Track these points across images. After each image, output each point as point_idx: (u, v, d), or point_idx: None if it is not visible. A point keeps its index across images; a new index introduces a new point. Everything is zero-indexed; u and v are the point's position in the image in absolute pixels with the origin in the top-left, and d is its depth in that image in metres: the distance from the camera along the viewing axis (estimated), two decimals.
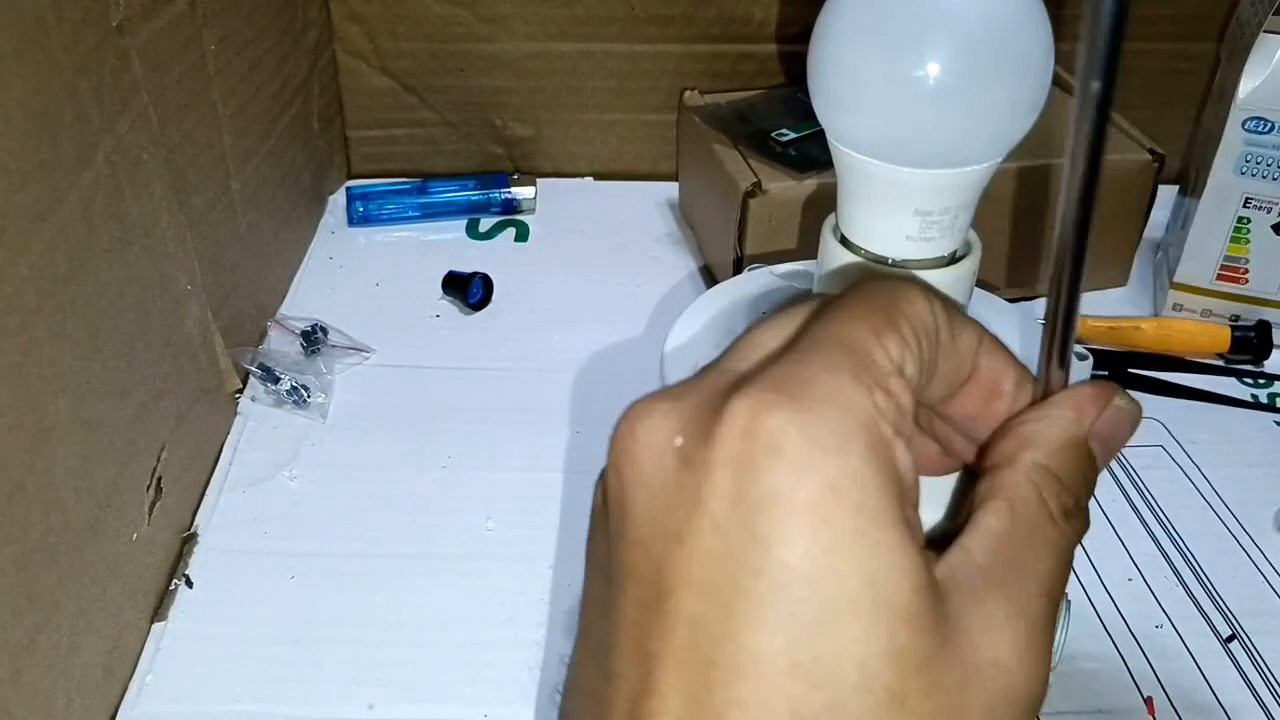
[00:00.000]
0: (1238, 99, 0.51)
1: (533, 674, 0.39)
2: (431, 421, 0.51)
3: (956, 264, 0.31)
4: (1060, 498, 0.24)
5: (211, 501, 0.46)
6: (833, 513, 0.20)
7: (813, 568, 0.20)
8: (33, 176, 0.33)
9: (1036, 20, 0.27)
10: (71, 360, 0.35)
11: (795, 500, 0.20)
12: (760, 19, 0.66)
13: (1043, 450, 0.25)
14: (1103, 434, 0.25)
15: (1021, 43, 0.27)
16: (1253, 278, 0.56)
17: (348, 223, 0.66)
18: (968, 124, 0.28)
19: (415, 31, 0.66)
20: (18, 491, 0.32)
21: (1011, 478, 0.24)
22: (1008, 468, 0.25)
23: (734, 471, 0.20)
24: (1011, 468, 0.25)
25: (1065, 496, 0.24)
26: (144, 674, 0.39)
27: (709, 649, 0.20)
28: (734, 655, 0.20)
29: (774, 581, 0.20)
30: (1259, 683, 0.39)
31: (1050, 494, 0.24)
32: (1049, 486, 0.24)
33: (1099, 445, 0.25)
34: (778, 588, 0.20)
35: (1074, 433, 0.25)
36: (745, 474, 0.20)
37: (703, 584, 0.21)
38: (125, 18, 0.39)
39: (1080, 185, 0.21)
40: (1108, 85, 0.20)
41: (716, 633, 0.20)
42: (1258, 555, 0.44)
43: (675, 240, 0.65)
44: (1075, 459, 0.25)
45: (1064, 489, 0.24)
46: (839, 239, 0.31)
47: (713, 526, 0.21)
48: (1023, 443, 0.25)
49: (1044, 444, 0.25)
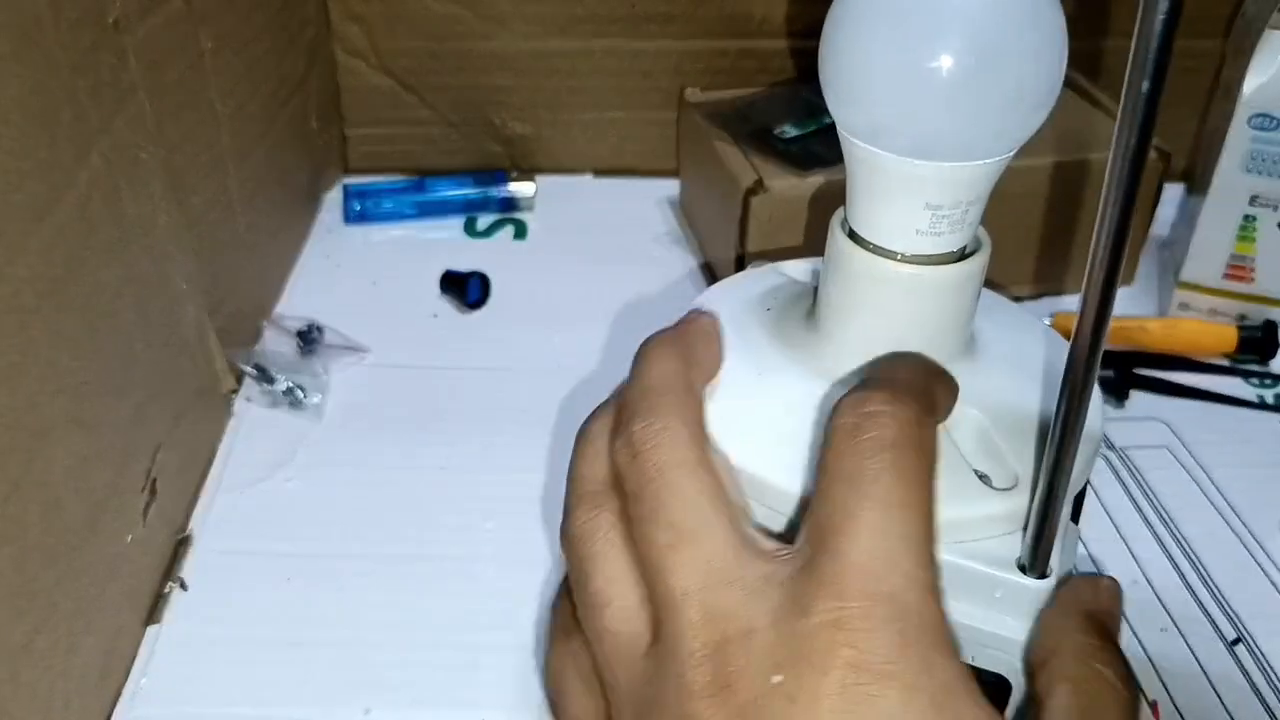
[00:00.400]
0: (1244, 96, 0.51)
1: (530, 677, 0.39)
2: (429, 422, 0.51)
3: (966, 260, 0.31)
4: (1113, 665, 0.27)
5: (206, 503, 0.46)
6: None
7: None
8: (30, 176, 0.32)
9: (1050, 11, 0.27)
10: (69, 360, 0.35)
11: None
12: (761, 16, 0.66)
13: (1075, 633, 0.27)
14: (1105, 611, 0.29)
15: (1035, 34, 0.27)
16: (1260, 277, 0.55)
17: (344, 221, 0.66)
18: (980, 116, 0.27)
19: (414, 30, 0.66)
20: (15, 492, 0.31)
21: (1060, 663, 0.27)
22: (1054, 656, 0.27)
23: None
24: (1058, 654, 0.27)
25: (1111, 658, 0.27)
26: (139, 677, 0.39)
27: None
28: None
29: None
30: (1265, 686, 0.39)
31: (1102, 663, 0.27)
32: (1100, 658, 0.27)
33: (1110, 621, 0.28)
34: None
35: (1093, 609, 0.28)
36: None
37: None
38: (122, 16, 0.39)
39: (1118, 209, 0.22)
40: (1155, 86, 0.20)
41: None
42: (1264, 558, 0.44)
43: (676, 238, 0.65)
44: (1101, 631, 0.28)
45: (1112, 656, 0.27)
46: (847, 233, 0.31)
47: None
48: (1055, 636, 0.28)
49: (1072, 629, 0.27)
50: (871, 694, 0.23)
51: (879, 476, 0.25)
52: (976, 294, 0.32)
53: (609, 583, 0.28)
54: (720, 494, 0.27)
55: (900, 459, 0.25)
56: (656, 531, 0.27)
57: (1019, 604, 0.29)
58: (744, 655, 0.24)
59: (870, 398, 0.26)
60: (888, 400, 0.26)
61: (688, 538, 0.26)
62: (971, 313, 0.32)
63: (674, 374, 0.30)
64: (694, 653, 0.25)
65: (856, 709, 0.23)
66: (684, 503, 0.27)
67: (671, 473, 0.27)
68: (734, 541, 0.26)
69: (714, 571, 0.26)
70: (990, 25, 0.27)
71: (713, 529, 0.26)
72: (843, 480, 0.25)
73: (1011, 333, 0.35)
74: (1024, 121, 0.28)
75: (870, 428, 0.26)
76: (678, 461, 0.27)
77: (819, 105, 0.64)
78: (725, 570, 0.26)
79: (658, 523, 0.27)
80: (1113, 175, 0.23)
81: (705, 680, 0.24)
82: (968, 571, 0.29)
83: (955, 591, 0.29)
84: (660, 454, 0.27)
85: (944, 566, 0.29)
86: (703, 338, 0.32)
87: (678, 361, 0.30)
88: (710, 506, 0.27)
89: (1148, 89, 0.20)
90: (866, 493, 0.25)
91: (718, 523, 0.27)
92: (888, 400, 0.26)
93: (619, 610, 0.27)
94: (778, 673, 0.24)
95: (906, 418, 0.26)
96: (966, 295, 0.31)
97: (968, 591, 0.29)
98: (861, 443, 0.26)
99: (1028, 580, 0.29)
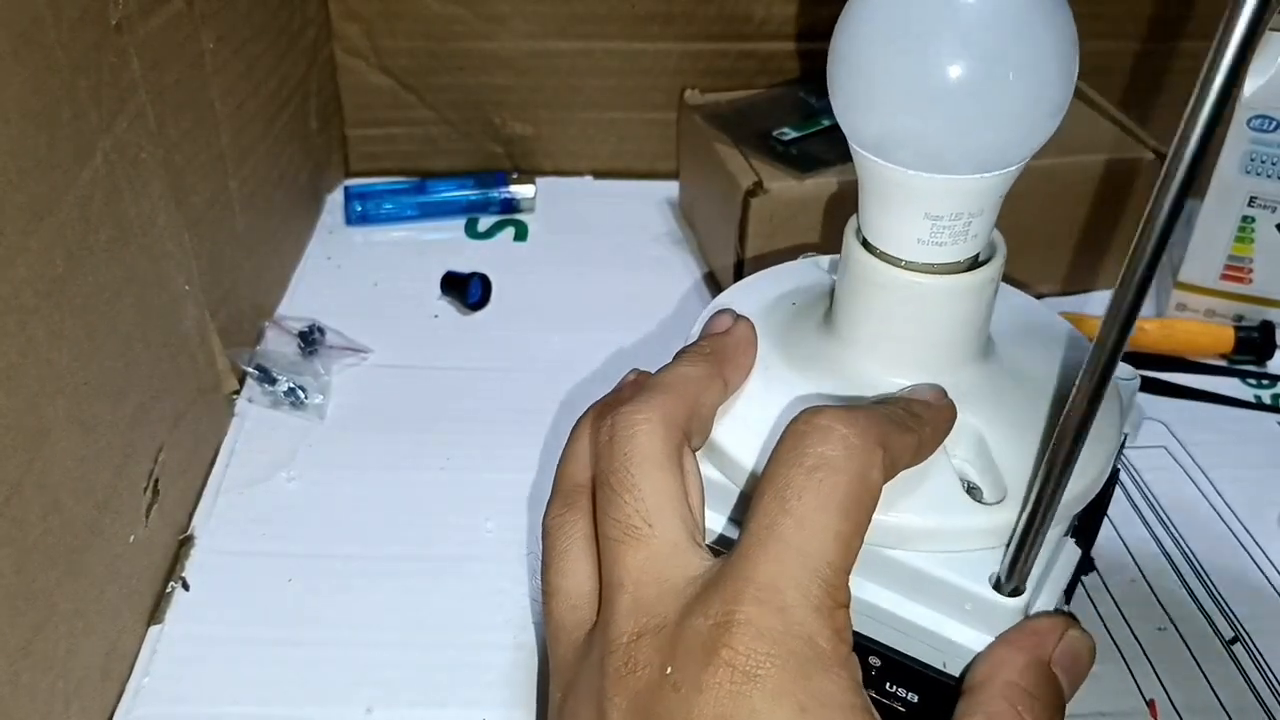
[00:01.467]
0: (1242, 97, 0.51)
1: (531, 677, 0.39)
2: (430, 422, 0.51)
3: (973, 270, 0.31)
4: (1034, 710, 0.27)
5: (208, 503, 0.46)
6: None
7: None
8: (31, 176, 0.33)
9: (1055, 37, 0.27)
10: (69, 360, 0.35)
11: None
12: (761, 17, 0.66)
13: (1013, 669, 0.28)
14: (1064, 662, 0.28)
15: (1038, 53, 0.27)
16: (1257, 278, 0.55)
17: (345, 222, 0.66)
18: (976, 131, 0.27)
19: (414, 30, 0.66)
20: (16, 493, 0.31)
21: (988, 694, 0.28)
22: (982, 687, 0.28)
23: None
24: (986, 687, 0.28)
25: (1039, 710, 0.27)
26: (140, 677, 0.39)
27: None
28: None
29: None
30: (1262, 685, 0.39)
31: (1024, 707, 0.27)
32: (1021, 700, 0.27)
33: (1062, 672, 0.28)
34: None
35: (1038, 655, 0.28)
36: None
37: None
38: (124, 16, 0.39)
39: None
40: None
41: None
42: (1260, 557, 0.44)
43: (675, 239, 0.65)
44: (1042, 677, 0.28)
45: (1036, 701, 0.27)
46: (860, 239, 0.32)
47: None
48: (994, 666, 0.28)
49: (1012, 665, 0.28)
50: (741, 693, 0.24)
51: (803, 492, 0.26)
52: (987, 303, 0.32)
53: (560, 575, 0.30)
54: (677, 495, 0.28)
55: (830, 480, 0.26)
56: (609, 524, 0.29)
57: (988, 619, 0.29)
58: (652, 647, 0.26)
59: (827, 414, 0.27)
60: (842, 420, 0.27)
61: (633, 534, 0.28)
62: (981, 320, 0.32)
63: (687, 377, 0.31)
64: (615, 639, 0.27)
65: (727, 704, 0.24)
66: (637, 498, 0.28)
67: (636, 466, 0.28)
68: (676, 542, 0.28)
69: (650, 569, 0.27)
70: (989, 41, 0.27)
71: (659, 528, 0.28)
72: (772, 489, 0.27)
73: (1034, 341, 0.35)
74: (1023, 139, 0.28)
75: (814, 442, 0.27)
76: (645, 455, 0.29)
77: (818, 107, 0.65)
78: (660, 569, 0.27)
79: (610, 515, 0.29)
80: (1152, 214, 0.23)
81: (618, 664, 0.26)
82: (938, 581, 0.29)
83: (929, 599, 0.30)
84: (632, 444, 0.29)
85: (919, 573, 0.29)
86: (743, 346, 0.33)
87: (703, 368, 0.31)
88: (665, 506, 0.28)
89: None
90: (788, 508, 0.26)
91: (666, 523, 0.28)
92: (842, 420, 0.27)
93: (564, 598, 0.30)
94: (671, 664, 0.25)
95: (854, 444, 0.27)
96: (973, 304, 0.31)
97: (941, 601, 0.30)
98: (801, 454, 0.27)
99: (997, 597, 0.29)
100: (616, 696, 0.26)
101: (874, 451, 0.27)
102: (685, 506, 0.29)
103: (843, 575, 0.26)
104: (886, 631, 0.30)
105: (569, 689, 0.29)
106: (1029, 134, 0.28)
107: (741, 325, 0.34)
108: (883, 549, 0.30)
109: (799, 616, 0.25)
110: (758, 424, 0.32)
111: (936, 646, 0.30)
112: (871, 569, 0.30)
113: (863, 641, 0.31)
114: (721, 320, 0.34)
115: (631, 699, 0.26)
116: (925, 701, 0.30)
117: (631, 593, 0.27)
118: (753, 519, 0.27)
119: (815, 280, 0.38)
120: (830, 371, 0.33)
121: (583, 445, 0.32)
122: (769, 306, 0.36)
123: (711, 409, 0.31)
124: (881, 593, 0.30)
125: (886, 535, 0.29)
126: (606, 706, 0.26)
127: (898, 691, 0.31)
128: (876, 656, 0.31)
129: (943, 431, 0.30)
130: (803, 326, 0.35)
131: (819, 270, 0.39)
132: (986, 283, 0.31)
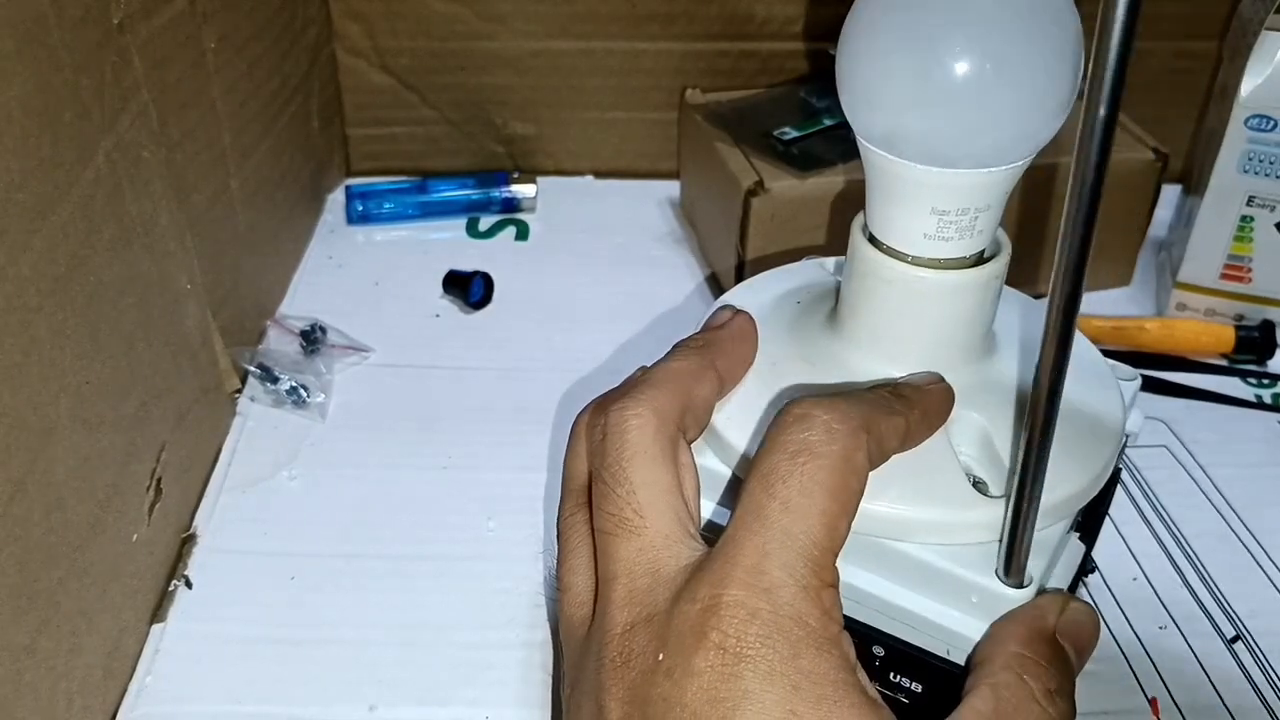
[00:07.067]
0: (1240, 97, 0.51)
1: (533, 675, 0.39)
2: (432, 421, 0.51)
3: (978, 266, 0.31)
4: (1042, 679, 0.27)
5: (211, 502, 0.46)
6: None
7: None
8: (33, 175, 0.33)
9: (1062, 33, 0.27)
10: (72, 360, 0.35)
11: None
12: (763, 17, 0.66)
13: (1017, 642, 0.28)
14: (1069, 632, 0.29)
15: (1045, 49, 0.27)
16: (1256, 277, 0.55)
17: (346, 221, 0.66)
18: (983, 126, 0.28)
19: (415, 29, 0.66)
20: (19, 492, 0.31)
21: (991, 667, 0.28)
22: (988, 661, 0.28)
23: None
24: (991, 660, 0.28)
25: (1047, 679, 0.27)
26: (143, 675, 0.39)
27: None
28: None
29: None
30: (1263, 684, 0.39)
31: (1031, 676, 0.27)
32: (1029, 669, 0.27)
33: (1068, 642, 0.29)
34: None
35: (1041, 626, 0.28)
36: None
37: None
38: (126, 16, 0.39)
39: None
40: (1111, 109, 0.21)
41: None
42: (1262, 556, 0.44)
43: (677, 239, 0.65)
44: (1047, 647, 0.28)
45: (1044, 671, 0.28)
46: (866, 234, 0.32)
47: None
48: (997, 642, 0.28)
49: (1015, 637, 0.28)
50: (733, 674, 0.25)
51: (787, 477, 0.26)
52: (992, 299, 0.32)
53: (570, 573, 0.31)
54: (669, 487, 0.29)
55: (814, 463, 0.26)
56: (602, 518, 0.29)
57: (993, 611, 0.29)
58: (645, 636, 0.26)
59: (809, 401, 0.28)
60: (823, 407, 0.27)
61: (625, 526, 0.28)
62: (986, 317, 0.32)
63: (681, 371, 0.31)
64: (609, 631, 0.27)
65: (719, 686, 0.25)
66: (629, 491, 0.28)
67: (628, 460, 0.29)
68: (668, 533, 0.28)
69: (642, 561, 0.28)
70: (996, 37, 0.27)
71: (651, 520, 0.28)
72: (759, 475, 0.27)
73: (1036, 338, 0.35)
74: (1029, 134, 0.28)
75: (797, 429, 0.27)
76: (636, 449, 0.29)
77: (819, 107, 0.65)
78: (652, 560, 0.28)
79: (603, 509, 0.29)
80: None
81: (613, 656, 0.27)
82: (944, 573, 0.29)
83: (935, 591, 0.30)
84: (623, 439, 0.29)
85: (925, 565, 0.29)
86: (738, 338, 0.33)
87: (697, 361, 0.31)
88: (657, 498, 0.28)
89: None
90: (774, 492, 0.26)
91: (658, 515, 0.28)
92: (823, 407, 0.27)
93: (573, 595, 0.30)
94: (663, 651, 0.26)
95: (836, 428, 0.27)
96: (977, 300, 0.31)
97: (947, 593, 0.30)
98: (785, 441, 0.27)
99: (1002, 588, 0.29)
100: (613, 688, 0.27)
101: (857, 435, 0.27)
102: (678, 498, 0.29)
103: (829, 556, 0.26)
104: (892, 623, 0.31)
105: (574, 684, 0.29)
106: (1036, 129, 0.28)
107: (739, 319, 0.34)
108: (889, 541, 0.30)
109: (787, 597, 0.25)
110: (760, 416, 0.32)
111: (942, 638, 0.30)
112: (878, 561, 0.30)
113: (867, 632, 0.31)
114: (720, 315, 0.34)
115: (627, 689, 0.26)
116: (930, 691, 0.31)
117: (625, 584, 0.28)
118: (740, 505, 0.27)
119: (820, 279, 0.38)
120: (835, 367, 0.33)
121: (584, 443, 0.32)
122: (774, 304, 0.36)
123: (705, 401, 0.31)
124: (887, 585, 0.30)
125: (893, 528, 0.30)
126: (604, 698, 0.27)
127: (902, 681, 0.31)
128: (881, 646, 0.31)
129: (935, 415, 0.30)
130: (808, 324, 0.35)
131: (823, 270, 0.39)
132: (992, 278, 0.31)
